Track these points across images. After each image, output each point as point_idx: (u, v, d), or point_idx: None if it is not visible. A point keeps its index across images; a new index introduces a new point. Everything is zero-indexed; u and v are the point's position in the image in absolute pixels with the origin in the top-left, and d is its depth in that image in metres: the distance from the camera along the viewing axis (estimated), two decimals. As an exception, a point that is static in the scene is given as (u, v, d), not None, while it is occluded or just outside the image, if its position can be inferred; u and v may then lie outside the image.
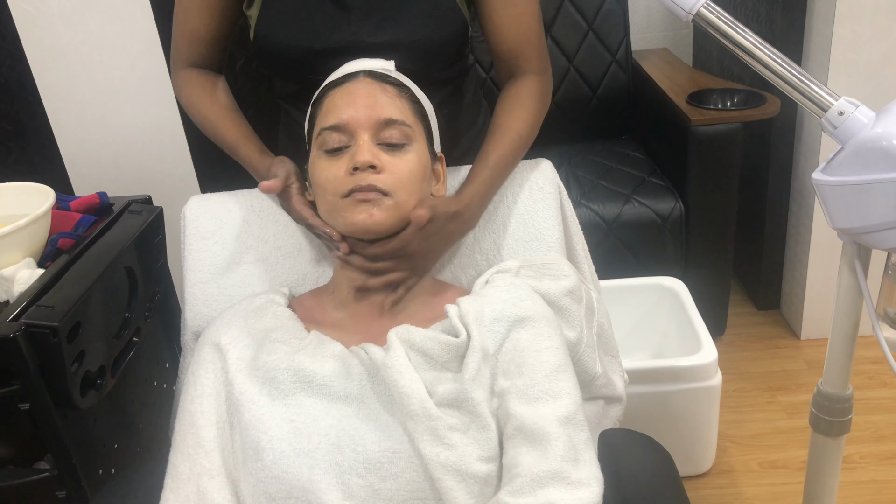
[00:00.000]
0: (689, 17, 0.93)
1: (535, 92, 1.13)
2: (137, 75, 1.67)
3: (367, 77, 1.00)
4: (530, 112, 1.11)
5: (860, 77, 1.91)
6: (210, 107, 1.17)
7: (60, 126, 1.70)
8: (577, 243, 1.19)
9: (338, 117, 0.96)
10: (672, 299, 1.90)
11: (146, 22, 1.63)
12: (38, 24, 1.61)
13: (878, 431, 1.89)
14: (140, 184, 1.74)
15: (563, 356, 0.94)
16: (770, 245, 2.31)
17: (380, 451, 0.87)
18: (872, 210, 0.84)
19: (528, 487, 0.83)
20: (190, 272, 1.13)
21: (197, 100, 1.18)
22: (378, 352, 0.92)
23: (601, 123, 2.47)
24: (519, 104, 1.12)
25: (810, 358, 2.19)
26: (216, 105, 1.18)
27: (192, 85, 1.18)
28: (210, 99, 1.18)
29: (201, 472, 0.89)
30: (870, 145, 0.83)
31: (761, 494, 1.76)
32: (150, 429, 1.32)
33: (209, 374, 0.95)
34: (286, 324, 0.99)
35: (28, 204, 1.18)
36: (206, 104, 1.17)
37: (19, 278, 1.09)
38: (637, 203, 2.05)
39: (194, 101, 1.18)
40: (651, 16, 2.68)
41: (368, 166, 0.93)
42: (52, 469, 1.07)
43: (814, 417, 1.07)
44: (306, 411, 0.90)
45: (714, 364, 1.66)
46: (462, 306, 0.96)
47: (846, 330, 1.00)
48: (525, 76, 1.15)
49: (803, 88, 0.89)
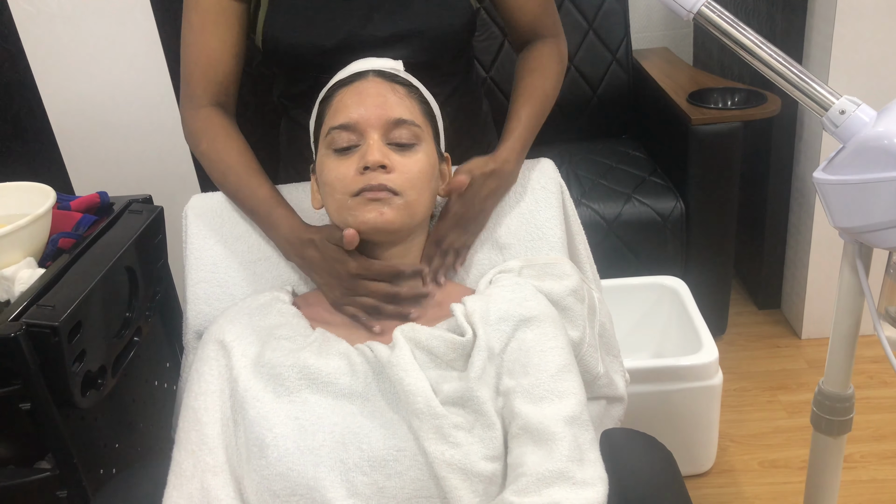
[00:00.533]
0: (689, 15, 0.93)
1: (555, 53, 1.19)
2: (137, 75, 1.67)
3: (376, 76, 1.00)
4: (553, 71, 1.17)
5: (861, 76, 1.91)
6: (238, 160, 1.09)
7: (61, 126, 1.70)
8: (579, 243, 1.19)
9: (347, 116, 0.97)
10: (673, 299, 1.90)
11: (146, 22, 1.63)
12: (39, 23, 1.61)
13: (879, 430, 1.89)
14: (140, 183, 1.75)
15: (567, 356, 0.94)
16: (771, 244, 2.31)
17: (385, 449, 0.87)
18: (874, 209, 0.84)
19: (533, 487, 0.83)
20: (191, 271, 1.13)
21: (222, 147, 1.10)
22: (383, 350, 0.92)
23: (602, 123, 2.47)
24: (541, 65, 1.17)
25: (811, 357, 2.19)
26: (244, 159, 1.10)
27: (216, 128, 1.11)
28: (237, 152, 1.10)
29: (205, 469, 0.89)
30: (871, 144, 0.83)
31: (762, 494, 1.75)
32: (150, 428, 1.32)
33: (213, 371, 0.95)
34: (291, 321, 0.99)
35: (29, 203, 1.18)
36: (234, 157, 1.09)
37: (20, 278, 1.09)
38: (638, 202, 2.05)
39: (219, 150, 1.10)
40: (651, 15, 2.68)
41: (379, 166, 0.94)
42: (53, 469, 1.07)
43: (815, 416, 1.07)
44: (311, 408, 0.90)
45: (715, 363, 1.66)
46: (468, 305, 0.96)
47: (847, 329, 1.00)
48: (542, 40, 1.20)
49: (804, 87, 0.89)
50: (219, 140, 1.10)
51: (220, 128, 1.11)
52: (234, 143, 1.11)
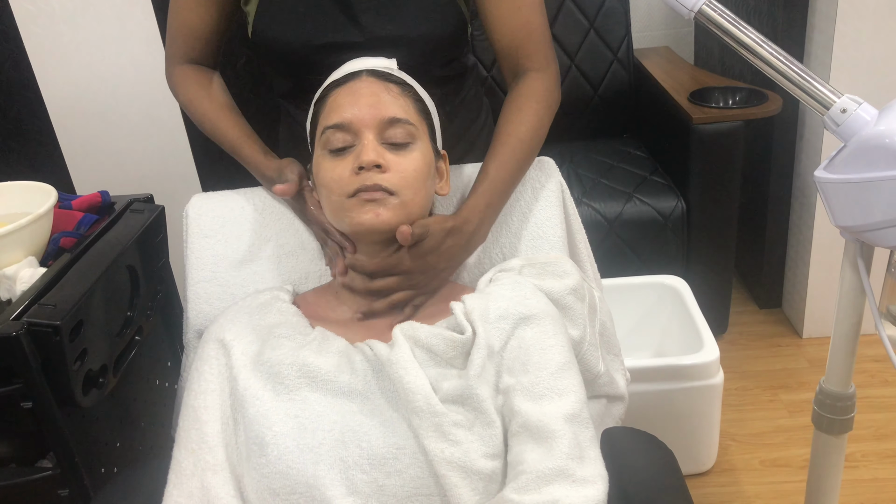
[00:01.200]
0: (691, 14, 0.93)
1: (536, 91, 1.10)
2: (138, 74, 1.68)
3: (370, 76, 1.00)
4: (531, 113, 1.08)
5: (862, 75, 1.91)
6: (209, 105, 1.16)
7: (62, 125, 1.70)
8: (580, 241, 1.19)
9: (341, 116, 0.96)
10: (674, 298, 1.90)
11: (147, 21, 1.64)
12: (40, 23, 1.61)
13: (880, 429, 1.89)
14: (142, 182, 1.75)
15: (568, 354, 0.94)
16: (772, 243, 2.31)
17: (384, 447, 0.87)
18: (875, 208, 0.84)
19: (533, 484, 0.83)
20: (192, 270, 1.13)
21: (195, 97, 1.17)
22: (383, 348, 0.92)
23: (603, 122, 2.47)
24: (518, 108, 1.09)
25: (812, 356, 2.19)
26: (214, 103, 1.17)
27: (189, 82, 1.17)
28: (208, 97, 1.17)
29: (205, 468, 0.89)
30: (872, 143, 0.83)
31: (763, 493, 1.75)
32: (152, 427, 1.32)
33: (213, 369, 0.95)
34: (291, 320, 0.99)
35: (30, 203, 1.18)
36: (205, 102, 1.16)
37: (21, 277, 1.09)
38: (639, 201, 2.05)
39: (192, 99, 1.17)
40: (652, 14, 2.68)
41: (374, 166, 0.94)
42: (54, 467, 1.07)
43: (816, 415, 1.07)
44: (311, 407, 0.90)
45: (716, 362, 1.66)
46: (467, 304, 0.96)
47: (848, 328, 1.00)
48: (526, 75, 1.12)
49: (806, 86, 0.89)
50: (191, 90, 1.17)
51: (194, 80, 1.17)
52: (204, 92, 1.17)
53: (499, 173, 1.06)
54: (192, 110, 1.17)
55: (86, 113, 1.70)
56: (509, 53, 1.13)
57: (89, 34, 1.63)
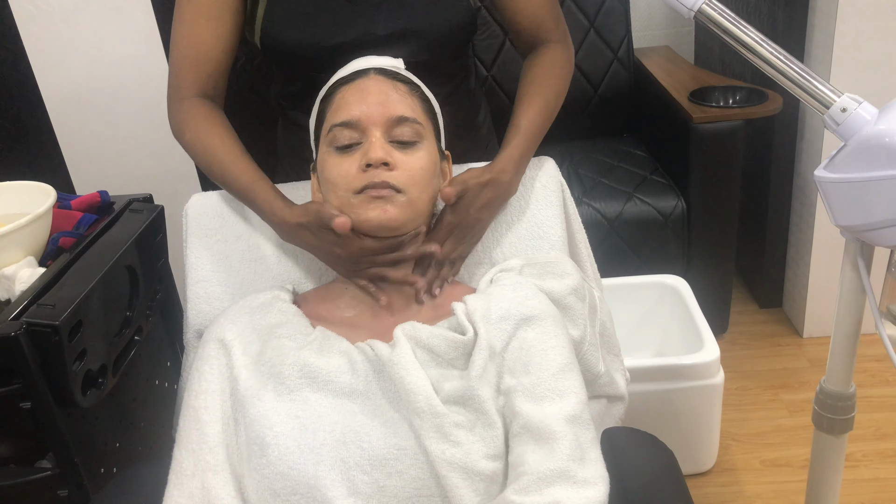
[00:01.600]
0: (691, 14, 0.93)
1: (558, 59, 1.16)
2: (138, 74, 1.67)
3: (377, 74, 1.00)
4: (555, 78, 1.14)
5: (863, 74, 1.91)
6: (220, 146, 1.08)
7: (61, 125, 1.70)
8: (580, 241, 1.19)
9: (349, 114, 0.97)
10: (674, 297, 1.90)
11: (147, 21, 1.63)
12: (39, 22, 1.61)
13: (881, 429, 1.89)
14: (141, 182, 1.75)
15: (569, 355, 0.94)
16: (772, 243, 2.31)
17: (385, 448, 0.87)
18: (875, 207, 0.84)
19: (534, 486, 0.83)
20: (192, 270, 1.13)
21: (204, 135, 1.09)
22: (384, 348, 0.92)
23: (603, 121, 2.46)
24: (543, 72, 1.15)
25: (813, 356, 2.19)
26: (226, 144, 1.08)
27: (199, 119, 1.09)
28: (220, 138, 1.08)
29: (205, 468, 0.89)
30: (872, 142, 0.83)
31: (764, 492, 1.75)
32: (151, 427, 1.32)
33: (214, 369, 0.95)
34: (291, 320, 0.99)
35: (29, 203, 1.18)
36: (215, 141, 1.08)
37: (20, 277, 1.09)
38: (639, 201, 2.05)
39: (200, 136, 1.09)
40: (653, 13, 2.68)
41: (381, 163, 0.94)
42: (53, 468, 1.07)
43: (816, 415, 1.07)
44: (312, 407, 0.90)
45: (716, 362, 1.66)
46: (469, 304, 0.96)
47: (849, 327, 1.00)
48: (546, 45, 1.18)
49: (806, 85, 0.89)
50: (201, 129, 1.09)
51: (203, 116, 1.10)
52: (216, 130, 1.09)
53: (529, 128, 1.10)
54: (199, 149, 1.09)
55: (85, 113, 1.69)
56: (531, 32, 1.19)
57: (89, 34, 1.63)
